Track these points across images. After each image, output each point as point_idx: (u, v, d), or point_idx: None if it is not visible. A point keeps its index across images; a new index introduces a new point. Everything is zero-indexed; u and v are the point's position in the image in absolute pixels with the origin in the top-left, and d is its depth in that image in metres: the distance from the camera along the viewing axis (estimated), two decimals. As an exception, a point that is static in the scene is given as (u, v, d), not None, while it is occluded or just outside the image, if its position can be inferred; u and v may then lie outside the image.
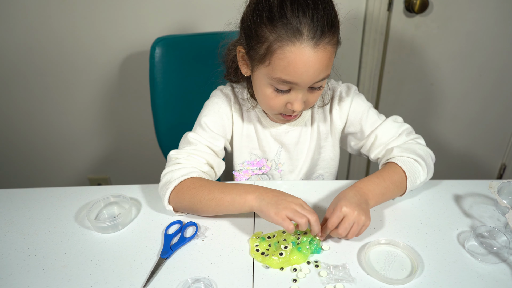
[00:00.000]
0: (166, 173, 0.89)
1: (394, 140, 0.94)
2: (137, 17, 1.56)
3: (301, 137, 1.02)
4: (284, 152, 1.03)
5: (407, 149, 0.90)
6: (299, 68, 0.77)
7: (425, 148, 0.93)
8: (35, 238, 0.84)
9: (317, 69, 0.78)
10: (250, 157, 1.04)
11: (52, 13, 1.54)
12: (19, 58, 1.64)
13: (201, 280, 0.72)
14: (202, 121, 0.96)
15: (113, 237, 0.84)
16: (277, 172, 1.06)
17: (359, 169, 2.01)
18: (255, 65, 0.84)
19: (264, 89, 0.85)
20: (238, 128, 1.01)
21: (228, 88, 1.02)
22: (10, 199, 0.95)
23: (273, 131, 1.01)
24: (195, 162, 0.90)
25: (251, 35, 0.81)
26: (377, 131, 0.95)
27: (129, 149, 1.93)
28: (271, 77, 0.81)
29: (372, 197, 0.83)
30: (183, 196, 0.85)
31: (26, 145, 1.89)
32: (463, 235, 0.82)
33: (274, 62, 0.78)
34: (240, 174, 1.06)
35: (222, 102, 0.99)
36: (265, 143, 1.02)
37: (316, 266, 0.75)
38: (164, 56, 1.25)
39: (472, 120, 1.88)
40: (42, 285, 0.73)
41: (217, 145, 0.95)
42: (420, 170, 0.88)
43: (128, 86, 1.73)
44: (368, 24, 1.62)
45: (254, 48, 0.81)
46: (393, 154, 0.91)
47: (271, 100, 0.86)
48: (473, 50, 1.69)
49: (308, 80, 0.80)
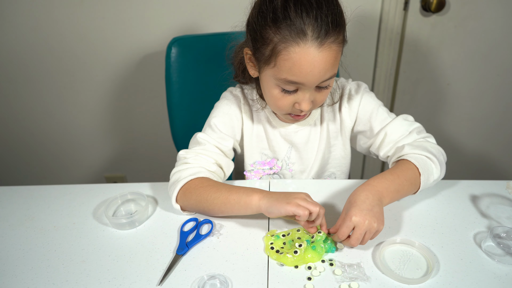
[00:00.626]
0: (174, 173, 0.90)
1: (404, 138, 0.92)
2: (153, 17, 1.58)
3: (310, 136, 1.02)
4: (294, 151, 1.04)
5: (419, 147, 0.88)
6: (304, 68, 0.77)
7: (437, 146, 0.92)
8: (54, 234, 0.86)
9: (323, 69, 0.78)
10: (260, 157, 1.05)
11: (71, 15, 1.56)
12: (35, 58, 1.67)
13: (217, 277, 0.73)
14: (212, 122, 0.97)
15: (130, 234, 0.85)
16: (288, 171, 1.06)
17: (373, 168, 2.00)
18: (262, 66, 0.85)
19: (271, 90, 0.86)
20: (248, 129, 1.02)
21: (238, 89, 1.03)
22: (31, 195, 0.98)
23: (282, 131, 1.01)
24: (204, 162, 0.91)
25: (256, 37, 0.82)
26: (386, 128, 0.94)
27: (145, 148, 1.95)
28: (277, 78, 0.82)
29: (387, 194, 0.80)
30: (190, 195, 0.85)
31: (44, 145, 1.93)
32: (479, 235, 0.81)
33: (280, 63, 0.79)
34: (251, 174, 1.06)
35: (231, 103, 1.00)
36: (275, 143, 1.02)
37: (331, 264, 0.75)
38: (180, 56, 1.26)
39: (489, 121, 1.86)
40: (61, 280, 0.75)
41: (226, 145, 0.96)
42: (433, 167, 0.86)
43: (144, 86, 1.75)
44: (384, 23, 1.61)
45: (260, 50, 0.82)
46: (404, 152, 0.89)
47: (279, 100, 0.86)
48: (491, 50, 1.67)
49: (314, 80, 0.80)
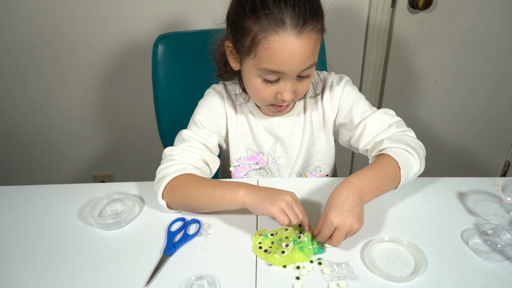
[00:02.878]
0: (160, 170, 0.90)
1: (383, 132, 0.91)
2: (140, 14, 1.56)
3: (294, 129, 1.02)
4: (280, 145, 1.04)
5: (398, 140, 0.88)
6: (284, 56, 0.78)
7: (416, 140, 0.91)
8: (38, 235, 0.84)
9: (303, 57, 0.79)
10: (246, 152, 1.05)
11: (54, 10, 1.54)
12: (21, 54, 1.64)
13: (204, 277, 0.72)
14: (196, 118, 0.97)
15: (116, 234, 0.84)
16: (274, 166, 1.06)
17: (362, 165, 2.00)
18: (243, 57, 0.85)
19: (253, 81, 0.86)
20: (232, 124, 1.02)
21: (221, 85, 1.03)
22: (14, 196, 0.96)
23: (266, 124, 1.01)
24: (189, 158, 0.91)
25: (236, 28, 0.82)
26: (366, 120, 0.94)
27: (132, 146, 1.93)
28: (258, 68, 0.82)
29: (368, 192, 0.79)
30: (177, 191, 0.85)
31: (30, 143, 1.90)
32: (467, 232, 0.82)
33: (260, 52, 0.80)
34: (238, 170, 1.06)
35: (215, 100, 1.00)
36: (260, 137, 1.02)
37: (319, 263, 0.75)
38: (166, 53, 1.25)
39: (476, 117, 1.88)
40: (45, 282, 0.73)
41: (211, 141, 0.96)
42: (413, 161, 0.86)
43: (131, 83, 1.73)
44: (371, 20, 1.61)
45: (240, 41, 0.83)
46: (383, 146, 0.88)
47: (261, 91, 0.86)
48: (478, 47, 1.68)
49: (294, 68, 0.80)
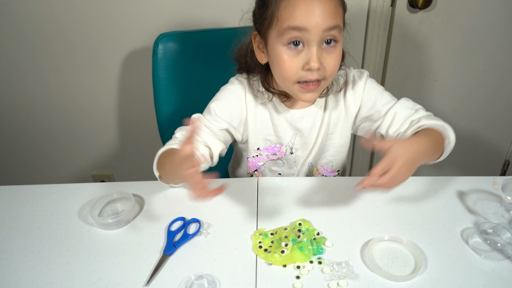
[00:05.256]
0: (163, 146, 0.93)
1: (413, 115, 0.95)
2: (140, 13, 1.56)
3: (315, 122, 1.03)
4: (299, 137, 1.04)
5: (433, 118, 0.94)
6: (304, 10, 0.79)
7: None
8: (38, 235, 0.84)
9: (323, 11, 0.80)
10: (264, 143, 1.04)
11: (55, 9, 1.53)
12: (21, 54, 1.64)
13: (204, 277, 0.72)
14: (211, 105, 0.98)
15: (116, 234, 0.84)
16: (291, 157, 1.06)
17: (362, 164, 2.01)
18: (267, 35, 0.86)
19: (278, 54, 0.85)
20: (252, 115, 1.01)
21: (244, 76, 1.03)
22: (14, 195, 0.96)
23: (288, 117, 1.01)
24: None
25: (260, 5, 0.86)
26: (395, 108, 0.97)
27: (132, 146, 1.93)
28: (282, 31, 0.82)
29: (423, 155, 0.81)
30: (164, 162, 0.88)
31: (29, 142, 1.90)
32: (467, 231, 0.82)
33: (281, 14, 0.81)
34: (256, 159, 1.07)
35: (236, 90, 1.00)
36: (280, 129, 1.02)
37: (319, 263, 0.75)
38: (167, 52, 1.25)
39: (476, 116, 1.87)
40: (45, 282, 0.73)
41: (217, 125, 0.96)
42: (451, 135, 0.91)
43: (131, 82, 1.73)
44: (371, 19, 1.61)
45: (263, 16, 0.85)
46: (422, 123, 0.92)
47: (287, 63, 0.85)
48: (477, 46, 1.68)
49: (316, 23, 0.80)
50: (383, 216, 0.86)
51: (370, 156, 2.00)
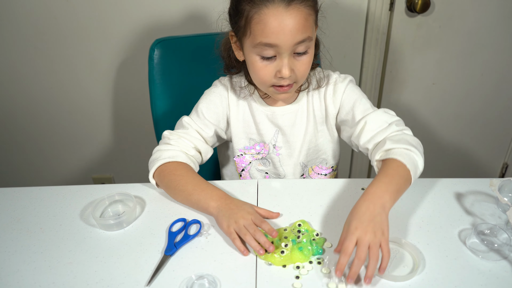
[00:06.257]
0: (156, 151, 0.98)
1: (383, 130, 0.92)
2: (136, 19, 1.57)
3: (297, 120, 1.04)
4: (281, 135, 1.06)
5: (399, 140, 0.88)
6: (274, 28, 0.82)
7: (414, 138, 0.92)
8: (41, 236, 0.85)
9: (293, 28, 0.82)
10: (248, 142, 1.07)
11: (56, 14, 1.55)
12: (22, 57, 1.65)
13: (205, 277, 0.73)
14: (198, 108, 1.02)
15: (118, 235, 0.85)
16: (275, 156, 1.08)
17: (361, 166, 2.02)
18: (242, 41, 0.89)
19: (253, 61, 0.89)
20: (234, 115, 1.05)
21: (226, 78, 1.07)
22: (16, 197, 0.96)
23: (269, 114, 1.04)
24: (184, 146, 0.97)
25: (234, 13, 0.88)
26: (367, 118, 0.95)
27: (132, 149, 1.94)
28: (254, 44, 0.86)
29: (389, 198, 0.78)
30: (164, 177, 0.92)
31: (30, 145, 1.91)
32: (464, 232, 0.82)
33: (253, 28, 0.84)
34: (241, 159, 1.09)
35: (219, 91, 1.04)
36: (262, 126, 1.05)
37: (319, 263, 0.76)
38: (163, 57, 1.25)
39: (474, 119, 1.89)
40: (48, 282, 0.74)
41: (207, 132, 1.01)
42: (417, 159, 0.87)
43: (129, 86, 1.74)
44: (370, 23, 1.62)
45: (238, 24, 0.88)
46: (387, 146, 0.88)
47: (260, 70, 0.89)
48: (475, 49, 1.70)
49: (286, 40, 0.83)
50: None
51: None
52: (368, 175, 2.06)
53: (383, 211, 0.76)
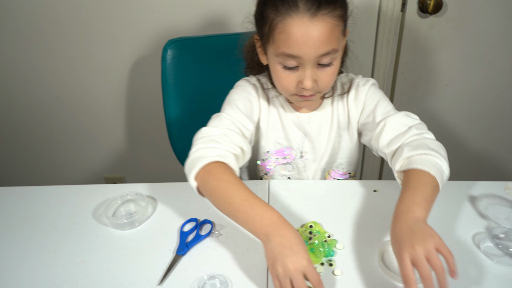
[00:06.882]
0: (199, 148, 0.84)
1: (402, 133, 0.88)
2: (149, 19, 1.58)
3: (322, 126, 1.03)
4: (308, 141, 1.04)
5: (418, 146, 0.83)
6: (298, 39, 0.79)
7: (435, 141, 0.86)
8: (54, 234, 0.86)
9: (317, 40, 0.79)
10: (275, 146, 1.05)
11: (69, 16, 1.56)
12: (36, 58, 1.67)
13: (217, 277, 0.73)
14: (233, 102, 0.95)
15: (130, 234, 0.85)
16: (301, 161, 1.06)
17: (372, 167, 2.01)
18: (266, 47, 0.87)
19: (275, 69, 0.87)
20: (264, 117, 1.02)
21: (253, 78, 1.03)
22: (30, 196, 0.98)
23: (295, 120, 1.02)
24: (230, 144, 0.86)
25: (259, 18, 0.85)
26: (387, 119, 0.91)
27: (143, 149, 1.95)
28: (277, 53, 0.83)
29: (418, 208, 0.71)
30: (209, 179, 0.79)
31: (43, 145, 1.93)
32: (478, 236, 0.82)
33: (276, 37, 0.81)
34: (265, 163, 1.06)
35: (250, 90, 1.00)
36: (290, 132, 1.03)
37: (330, 265, 0.76)
38: (175, 58, 1.26)
39: (487, 122, 1.86)
40: (61, 280, 0.75)
41: (248, 128, 0.94)
42: (441, 163, 0.80)
43: (142, 87, 1.75)
44: (381, 24, 1.61)
45: (262, 30, 0.85)
46: (405, 155, 0.82)
47: (283, 79, 0.87)
48: (488, 51, 1.68)
49: (309, 52, 0.80)
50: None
51: (381, 159, 2.00)
52: (379, 176, 2.05)
53: (418, 220, 0.69)
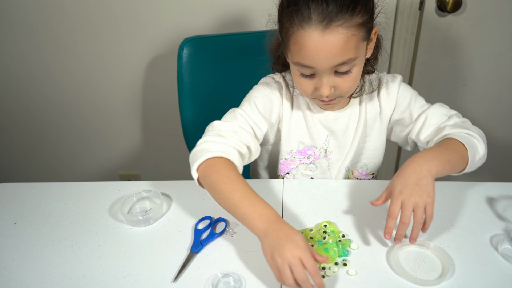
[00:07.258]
0: (205, 141, 0.86)
1: (445, 122, 0.93)
2: (165, 18, 1.59)
3: (349, 124, 1.02)
4: (333, 139, 1.03)
5: (460, 126, 0.89)
6: (310, 52, 0.78)
7: (476, 127, 0.92)
8: (71, 230, 0.87)
9: (330, 53, 0.77)
10: (298, 145, 1.03)
11: (87, 13, 1.59)
12: (54, 58, 1.70)
13: (231, 275, 0.73)
14: (252, 100, 0.95)
15: (145, 231, 0.86)
16: (325, 160, 1.05)
17: (387, 167, 1.98)
18: (286, 50, 0.87)
19: (294, 74, 0.88)
20: (287, 116, 1.01)
21: (279, 75, 1.02)
22: (48, 192, 0.99)
23: (322, 118, 1.00)
24: (237, 141, 0.87)
25: (279, 23, 0.85)
26: (427, 112, 0.95)
27: (158, 147, 1.97)
28: (293, 61, 0.84)
29: (438, 163, 0.77)
30: (210, 174, 0.80)
31: (61, 143, 1.96)
32: (496, 238, 0.80)
33: (291, 47, 0.81)
34: (288, 162, 1.05)
35: (273, 88, 0.99)
36: (314, 130, 1.01)
37: (345, 265, 0.75)
38: (191, 56, 1.26)
39: (506, 122, 1.83)
40: (78, 275, 0.76)
41: (261, 128, 0.94)
42: (477, 144, 0.86)
43: (157, 85, 1.77)
44: (398, 23, 1.60)
45: (281, 34, 0.85)
46: (446, 132, 0.89)
47: (302, 85, 0.87)
48: (508, 50, 1.64)
49: (322, 64, 0.79)
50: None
51: (396, 159, 1.98)
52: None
53: (429, 174, 0.75)
